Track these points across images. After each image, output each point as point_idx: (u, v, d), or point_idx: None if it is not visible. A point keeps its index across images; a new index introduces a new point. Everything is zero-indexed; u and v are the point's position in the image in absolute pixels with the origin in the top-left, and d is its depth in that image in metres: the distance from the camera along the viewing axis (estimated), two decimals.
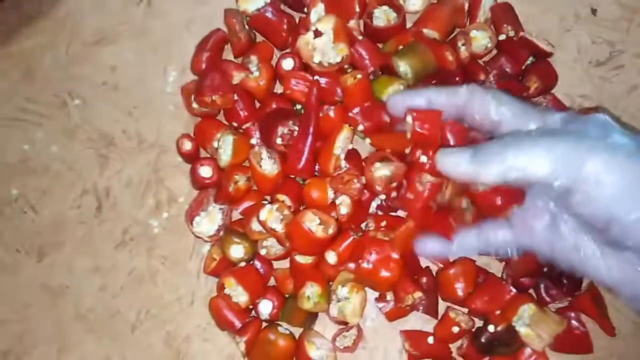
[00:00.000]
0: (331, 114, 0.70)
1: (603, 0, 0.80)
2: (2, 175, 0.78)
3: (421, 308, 0.72)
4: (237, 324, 0.72)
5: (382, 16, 0.76)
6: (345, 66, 0.73)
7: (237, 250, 0.72)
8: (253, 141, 0.75)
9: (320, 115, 0.71)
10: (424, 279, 0.73)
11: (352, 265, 0.72)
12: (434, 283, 0.73)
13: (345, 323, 0.72)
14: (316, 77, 0.72)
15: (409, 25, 0.77)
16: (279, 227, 0.69)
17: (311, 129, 0.69)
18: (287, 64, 0.75)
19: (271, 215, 0.69)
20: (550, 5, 0.80)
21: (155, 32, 0.81)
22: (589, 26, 0.79)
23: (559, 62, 0.77)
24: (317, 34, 0.71)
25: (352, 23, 0.75)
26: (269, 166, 0.72)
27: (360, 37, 0.75)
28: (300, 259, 0.71)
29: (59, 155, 0.79)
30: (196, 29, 0.79)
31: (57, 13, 0.82)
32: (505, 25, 0.77)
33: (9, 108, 0.80)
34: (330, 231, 0.69)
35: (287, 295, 0.73)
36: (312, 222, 0.69)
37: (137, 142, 0.78)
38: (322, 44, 0.70)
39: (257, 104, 0.77)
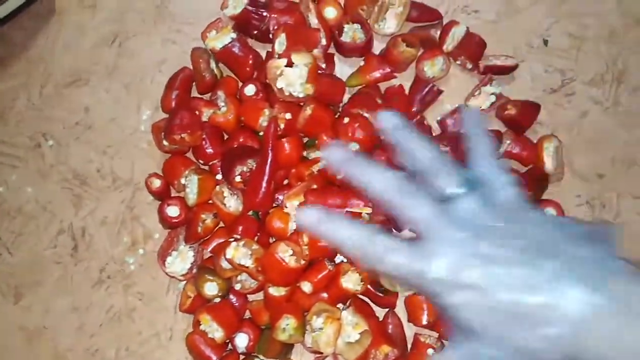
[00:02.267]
0: (286, 146, 0.58)
1: (554, 31, 0.67)
2: None
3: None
4: (215, 359, 0.57)
5: (350, 33, 0.63)
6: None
7: (211, 288, 0.57)
8: (219, 177, 0.61)
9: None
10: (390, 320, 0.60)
11: (326, 295, 0.60)
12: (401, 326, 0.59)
13: (320, 352, 0.60)
14: (275, 114, 0.58)
15: (379, 46, 0.64)
16: (249, 263, 0.55)
17: (268, 164, 0.57)
18: (249, 90, 0.60)
19: (238, 252, 0.55)
20: (504, 36, 0.67)
21: (127, 72, 0.65)
22: (541, 56, 0.65)
23: (514, 90, 0.64)
24: (290, 63, 0.58)
25: (315, 52, 0.61)
26: (232, 203, 0.58)
27: (324, 65, 0.62)
28: (274, 291, 0.57)
29: (33, 196, 0.63)
30: (167, 67, 0.64)
31: (30, 55, 0.65)
32: (461, 57, 0.66)
33: None
34: (302, 261, 0.56)
35: (262, 327, 0.59)
36: (284, 253, 0.55)
37: (112, 180, 0.63)
38: (292, 75, 0.57)
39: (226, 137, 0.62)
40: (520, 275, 0.34)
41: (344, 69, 0.64)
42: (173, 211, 0.60)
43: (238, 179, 0.58)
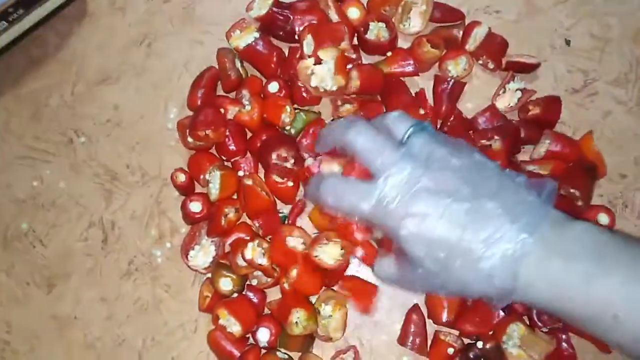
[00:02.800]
0: None
1: (576, 32, 0.63)
2: (12, 211, 0.61)
3: (412, 347, 0.55)
4: (236, 353, 0.54)
5: (375, 31, 0.60)
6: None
7: (225, 283, 0.55)
8: (241, 173, 0.59)
9: None
10: (414, 316, 0.56)
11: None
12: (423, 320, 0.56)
13: (330, 339, 0.55)
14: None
15: (402, 46, 0.61)
16: (264, 261, 0.53)
17: None
18: (273, 87, 0.58)
19: (255, 252, 0.53)
20: (526, 36, 0.63)
21: (155, 72, 0.63)
22: (564, 56, 0.62)
23: (536, 90, 0.60)
24: (318, 61, 0.56)
25: (343, 44, 0.58)
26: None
27: (354, 56, 0.59)
28: (288, 285, 0.54)
29: (66, 191, 0.61)
30: (194, 67, 0.62)
31: (63, 55, 0.64)
32: (483, 57, 0.63)
33: (18, 147, 0.62)
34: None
35: None
36: (294, 237, 0.53)
37: (140, 176, 0.61)
38: (322, 71, 0.55)
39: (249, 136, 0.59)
40: (461, 210, 0.35)
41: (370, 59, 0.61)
42: (196, 207, 0.58)
43: (277, 161, 0.56)
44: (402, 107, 0.57)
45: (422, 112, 0.58)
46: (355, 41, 0.61)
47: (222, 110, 0.58)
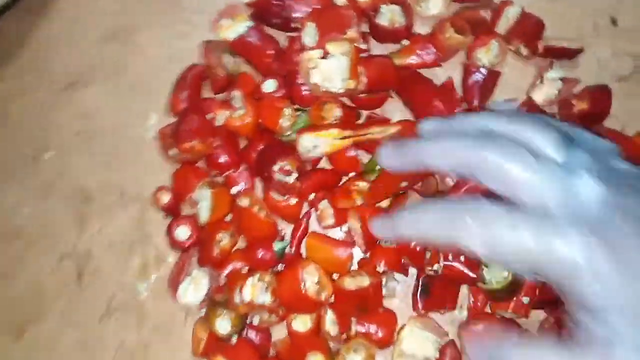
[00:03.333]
0: None
1: (623, 9, 0.50)
2: None
3: None
4: None
5: (388, 15, 0.47)
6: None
7: (223, 325, 0.43)
8: (234, 190, 0.46)
9: None
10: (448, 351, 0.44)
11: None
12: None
13: None
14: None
15: (421, 31, 0.49)
16: (267, 298, 0.42)
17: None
18: (269, 85, 0.46)
19: (255, 290, 0.42)
20: (565, 17, 0.50)
21: (132, 72, 0.51)
22: (609, 38, 0.49)
23: (580, 80, 0.48)
24: (325, 53, 0.44)
25: (351, 33, 0.45)
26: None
27: (364, 46, 0.47)
28: (298, 325, 0.43)
29: (31, 217, 0.49)
30: (177, 65, 0.49)
31: (23, 54, 0.51)
32: (516, 42, 0.51)
33: None
34: (324, 295, 0.42)
35: None
36: (309, 276, 0.42)
37: (119, 196, 0.49)
38: (328, 68, 0.44)
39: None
40: None
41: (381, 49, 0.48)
42: (183, 232, 0.46)
43: (278, 175, 0.44)
44: (428, 105, 0.45)
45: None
46: (364, 28, 0.49)
47: (210, 115, 0.46)
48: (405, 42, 0.49)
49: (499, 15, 0.49)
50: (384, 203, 0.44)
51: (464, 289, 0.45)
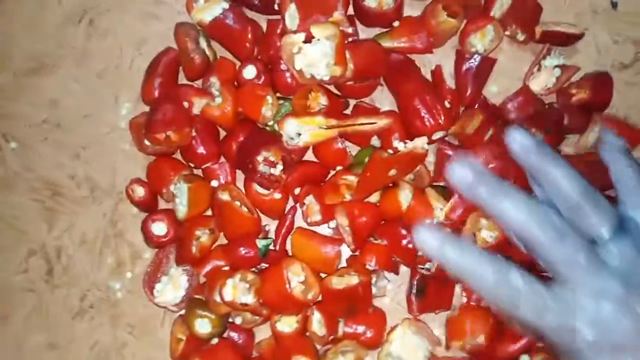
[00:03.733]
0: None
1: None
2: None
3: None
4: None
5: None
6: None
7: (203, 325, 0.39)
8: (214, 183, 0.42)
9: None
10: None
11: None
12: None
13: None
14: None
15: (412, 14, 0.43)
16: (250, 299, 0.38)
17: None
18: (249, 72, 0.41)
19: (237, 290, 0.38)
20: (563, 0, 0.50)
21: (100, 57, 0.45)
22: (609, 23, 0.45)
23: (580, 67, 0.44)
24: (309, 37, 0.39)
25: (336, 15, 0.40)
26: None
27: (350, 30, 0.42)
28: (283, 326, 0.39)
29: None
30: (149, 49, 0.44)
31: None
32: (512, 26, 0.47)
33: None
34: (311, 295, 0.38)
35: None
36: (294, 276, 0.38)
37: (89, 189, 0.44)
38: (313, 53, 0.39)
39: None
40: None
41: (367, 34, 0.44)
42: (159, 228, 0.41)
43: (262, 167, 0.39)
44: (416, 94, 0.41)
45: (447, 104, 0.42)
46: (350, 10, 0.44)
47: (185, 103, 0.41)
48: (395, 24, 0.44)
49: None
50: (374, 197, 0.40)
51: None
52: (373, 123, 0.40)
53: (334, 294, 0.38)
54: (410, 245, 0.39)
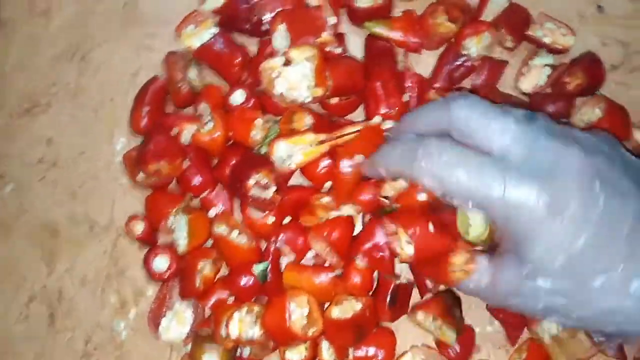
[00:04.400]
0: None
1: None
2: None
3: None
4: None
5: None
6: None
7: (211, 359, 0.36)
8: (213, 212, 0.38)
9: None
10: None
11: None
12: None
13: None
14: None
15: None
16: (256, 332, 0.34)
17: None
18: (237, 97, 0.38)
19: (244, 324, 0.33)
20: (550, 6, 0.46)
21: (94, 91, 0.42)
22: (596, 26, 0.42)
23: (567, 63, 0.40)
24: (288, 60, 0.36)
25: (324, 35, 0.38)
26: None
27: (338, 50, 0.38)
28: (292, 355, 0.35)
29: None
30: (144, 81, 0.40)
31: None
32: (501, 32, 0.44)
33: None
34: (312, 332, 0.33)
35: None
36: (296, 308, 0.33)
37: (88, 227, 0.40)
38: (292, 76, 0.36)
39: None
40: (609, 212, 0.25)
41: (358, 43, 0.41)
42: (161, 263, 0.37)
43: (254, 191, 0.35)
44: (381, 78, 0.37)
45: (407, 97, 0.39)
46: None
47: (175, 130, 0.37)
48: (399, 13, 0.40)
49: (486, 2, 0.41)
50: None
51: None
52: (362, 127, 0.36)
53: (339, 325, 0.33)
54: (386, 256, 0.35)
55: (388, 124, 0.36)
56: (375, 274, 0.36)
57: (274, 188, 0.35)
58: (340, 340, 0.34)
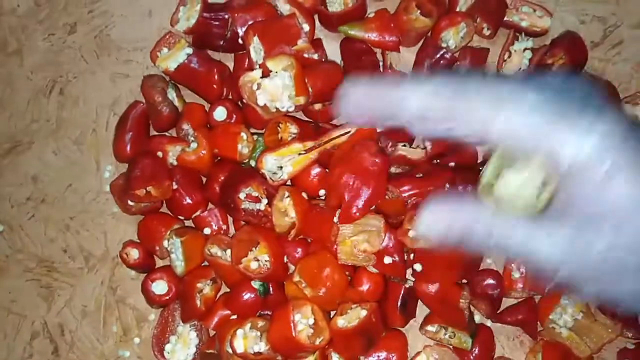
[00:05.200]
0: None
1: None
2: None
3: None
4: None
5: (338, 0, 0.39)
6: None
7: None
8: (207, 231, 0.37)
9: None
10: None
11: None
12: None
13: None
14: None
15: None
16: (262, 347, 0.33)
17: None
18: (219, 113, 0.37)
19: (248, 341, 0.33)
20: None
21: (76, 124, 0.41)
22: (572, 5, 0.41)
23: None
24: (266, 72, 0.35)
25: (300, 43, 0.37)
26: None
27: (316, 56, 0.38)
28: None
29: None
30: (123, 108, 0.40)
31: None
32: (478, 20, 0.43)
33: None
34: (319, 340, 0.33)
35: None
36: (301, 319, 0.33)
37: (83, 259, 0.40)
38: (272, 87, 0.35)
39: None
40: None
41: (334, 48, 0.40)
42: (160, 287, 0.37)
43: (246, 205, 0.35)
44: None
45: None
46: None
47: (160, 153, 0.37)
48: (371, 15, 0.40)
49: None
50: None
51: None
52: (348, 132, 0.36)
53: (346, 335, 0.33)
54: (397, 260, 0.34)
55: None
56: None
57: (265, 200, 0.35)
58: (350, 350, 0.34)
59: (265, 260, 0.35)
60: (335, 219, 0.34)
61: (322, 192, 0.37)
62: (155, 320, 0.39)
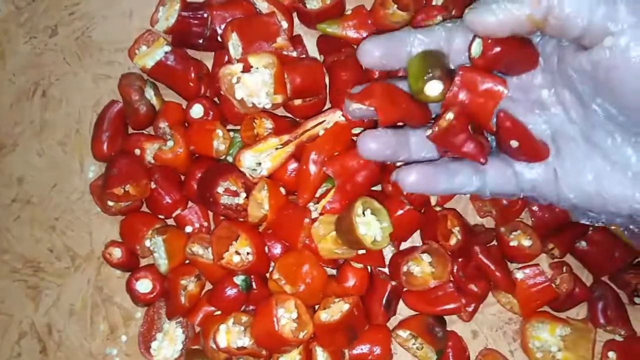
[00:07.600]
0: None
1: None
2: None
3: None
4: None
5: None
6: None
7: None
8: (189, 229, 0.37)
9: None
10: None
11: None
12: None
13: None
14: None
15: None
16: (247, 342, 0.32)
17: None
18: (196, 110, 0.37)
19: (231, 335, 0.32)
20: None
21: (59, 125, 0.40)
22: None
23: None
24: (247, 67, 0.34)
25: (279, 40, 0.36)
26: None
27: (294, 54, 0.37)
28: None
29: None
30: None
31: None
32: (452, 12, 0.43)
33: None
34: (303, 334, 0.32)
35: None
36: (284, 313, 0.32)
37: (69, 259, 0.39)
38: (252, 82, 0.34)
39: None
40: None
41: (313, 44, 0.39)
42: (144, 285, 0.36)
43: (225, 199, 0.34)
44: (342, 93, 0.35)
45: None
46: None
47: (137, 151, 0.36)
48: (349, 12, 0.39)
49: None
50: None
51: None
52: (323, 121, 0.36)
53: (329, 328, 0.32)
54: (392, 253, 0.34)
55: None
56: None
57: (244, 194, 0.35)
58: (333, 344, 0.33)
59: (247, 253, 0.34)
60: (307, 220, 0.34)
61: None
62: (142, 318, 0.39)
